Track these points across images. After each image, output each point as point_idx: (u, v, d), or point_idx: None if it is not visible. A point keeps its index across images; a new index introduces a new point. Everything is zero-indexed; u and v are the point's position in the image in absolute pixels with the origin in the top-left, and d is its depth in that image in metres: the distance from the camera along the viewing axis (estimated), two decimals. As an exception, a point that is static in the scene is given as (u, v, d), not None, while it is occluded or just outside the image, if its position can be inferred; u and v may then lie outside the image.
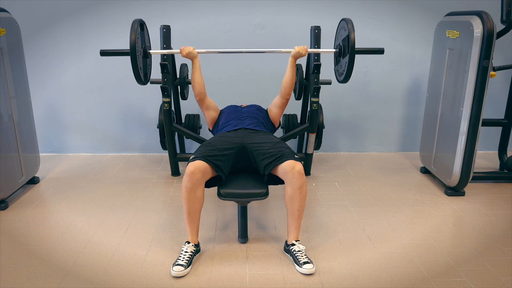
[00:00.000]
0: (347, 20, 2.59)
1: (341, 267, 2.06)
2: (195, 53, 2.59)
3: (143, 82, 2.63)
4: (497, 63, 2.95)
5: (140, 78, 2.56)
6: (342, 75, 2.70)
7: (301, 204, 2.09)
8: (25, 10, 3.42)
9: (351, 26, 2.55)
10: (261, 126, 2.55)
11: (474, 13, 2.60)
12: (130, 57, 2.45)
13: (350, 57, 2.54)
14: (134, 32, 2.44)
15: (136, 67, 2.48)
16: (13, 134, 2.76)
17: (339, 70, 2.81)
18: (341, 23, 2.74)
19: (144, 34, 2.66)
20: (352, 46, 2.51)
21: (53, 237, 2.35)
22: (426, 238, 2.35)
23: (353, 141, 3.93)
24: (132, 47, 2.43)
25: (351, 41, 2.51)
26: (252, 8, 3.52)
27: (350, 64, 2.58)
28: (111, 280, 1.95)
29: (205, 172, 2.07)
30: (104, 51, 2.69)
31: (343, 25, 2.69)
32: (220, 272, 2.02)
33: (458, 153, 2.78)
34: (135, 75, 2.52)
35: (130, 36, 2.43)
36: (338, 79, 2.83)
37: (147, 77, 2.76)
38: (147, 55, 2.70)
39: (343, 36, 2.66)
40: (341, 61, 2.74)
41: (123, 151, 3.88)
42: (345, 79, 2.67)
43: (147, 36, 2.74)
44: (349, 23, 2.56)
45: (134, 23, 2.48)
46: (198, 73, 2.59)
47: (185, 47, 2.57)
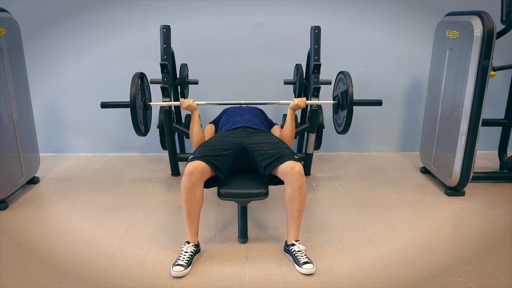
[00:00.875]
0: (345, 73, 2.66)
1: (341, 267, 2.06)
2: (194, 106, 2.52)
3: (143, 134, 2.71)
4: (497, 63, 2.95)
5: (140, 130, 2.64)
6: (341, 127, 2.76)
7: (301, 204, 2.09)
8: (25, 10, 3.43)
9: (349, 80, 2.61)
10: (261, 125, 2.55)
11: (474, 13, 2.60)
12: (130, 112, 2.52)
13: (348, 111, 2.61)
14: (134, 86, 2.48)
15: (136, 121, 2.54)
16: (13, 134, 2.76)
17: (337, 121, 2.86)
18: (339, 75, 2.79)
19: (144, 86, 2.68)
20: (350, 101, 2.56)
21: (53, 237, 2.35)
22: (426, 238, 2.35)
23: (353, 141, 3.93)
24: (132, 101, 2.48)
25: (349, 96, 2.55)
26: (252, 8, 3.52)
27: (348, 118, 2.65)
28: (111, 280, 1.95)
29: (204, 172, 2.07)
30: (105, 103, 2.72)
31: (341, 78, 2.73)
32: (220, 272, 2.02)
33: (458, 153, 2.78)
34: (135, 128, 2.60)
35: (131, 90, 2.48)
36: (337, 130, 2.89)
37: (147, 128, 2.83)
38: (147, 107, 2.74)
39: (341, 89, 2.71)
40: (340, 112, 2.78)
41: (123, 151, 3.88)
42: (344, 130, 2.73)
43: (147, 88, 2.78)
44: (347, 77, 2.61)
45: (134, 77, 2.54)
46: (197, 125, 2.50)
47: (185, 100, 2.51)
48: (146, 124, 2.79)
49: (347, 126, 2.67)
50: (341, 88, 2.73)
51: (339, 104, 2.77)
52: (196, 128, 2.48)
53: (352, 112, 2.60)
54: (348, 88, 2.57)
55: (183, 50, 3.47)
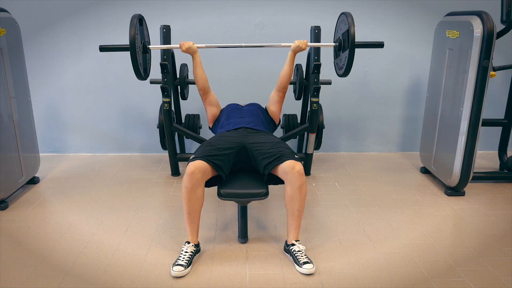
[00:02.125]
0: (347, 14, 2.58)
1: (341, 267, 2.06)
2: (194, 48, 2.59)
3: (143, 77, 2.62)
4: (497, 63, 2.94)
5: (140, 73, 2.55)
6: (342, 69, 2.69)
7: (301, 204, 2.09)
8: (25, 10, 3.42)
9: (351, 20, 2.53)
10: (262, 126, 2.55)
11: (474, 13, 2.60)
12: (130, 53, 2.43)
13: (350, 51, 2.53)
14: (133, 27, 2.43)
15: (136, 63, 2.47)
16: (13, 134, 2.76)
17: (338, 64, 2.80)
18: (340, 17, 2.73)
19: (143, 29, 2.65)
20: (352, 40, 2.50)
21: (53, 237, 2.35)
22: (426, 238, 2.35)
23: (353, 141, 3.93)
24: (131, 42, 2.42)
25: (351, 35, 2.50)
26: (252, 8, 3.52)
27: (350, 58, 2.57)
28: (111, 280, 1.95)
29: (205, 172, 2.07)
30: (104, 46, 2.67)
31: (343, 19, 2.68)
32: (220, 272, 2.02)
33: (458, 153, 2.78)
34: (135, 71, 2.51)
35: (130, 31, 2.41)
36: (337, 73, 2.82)
37: (147, 72, 2.75)
38: (146, 50, 2.69)
39: (343, 30, 2.65)
40: (341, 55, 2.73)
41: (123, 151, 3.88)
42: (345, 73, 2.66)
43: (146, 31, 2.73)
44: (349, 17, 2.55)
45: (133, 18, 2.47)
46: (199, 67, 2.61)
47: (185, 42, 2.58)
48: (146, 68, 2.73)
49: (349, 68, 2.61)
50: (342, 29, 2.68)
51: (340, 46, 2.72)
52: (199, 70, 2.59)
53: (354, 52, 2.54)
54: (350, 28, 2.51)
55: (183, 50, 3.47)
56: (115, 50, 2.69)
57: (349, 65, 2.59)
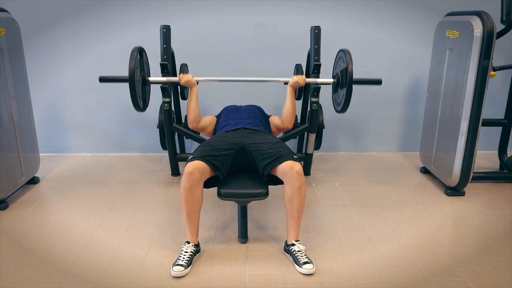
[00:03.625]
0: (345, 51, 2.63)
1: (341, 267, 2.06)
2: (193, 81, 2.56)
3: (142, 109, 2.67)
4: (497, 63, 2.94)
5: (139, 105, 2.59)
6: (340, 105, 2.74)
7: (301, 204, 2.09)
8: (25, 10, 3.42)
9: (349, 57, 2.58)
10: (261, 126, 2.55)
11: (474, 13, 2.60)
12: (129, 85, 2.47)
13: (348, 89, 2.58)
14: (133, 60, 2.45)
15: (135, 95, 2.50)
16: (13, 134, 2.76)
17: (336, 100, 2.84)
18: (339, 54, 2.77)
19: (143, 61, 2.67)
20: (349, 79, 2.54)
21: (53, 237, 2.35)
22: (426, 238, 2.35)
23: (353, 141, 3.93)
24: (130, 74, 2.44)
25: (349, 74, 2.53)
26: (252, 8, 3.52)
27: (347, 96, 2.62)
28: (111, 280, 1.95)
29: (203, 172, 2.07)
30: (103, 77, 2.70)
31: (341, 56, 2.71)
32: (220, 272, 2.02)
33: (458, 153, 2.78)
34: (133, 103, 2.55)
35: (129, 64, 2.44)
36: (336, 108, 2.87)
37: (146, 104, 2.79)
38: (146, 82, 2.71)
39: (341, 67, 2.69)
40: (339, 91, 2.77)
41: (123, 151, 3.88)
42: (343, 109, 2.71)
43: (146, 63, 2.75)
44: (347, 54, 2.59)
45: (133, 51, 2.50)
46: (194, 101, 2.55)
47: (184, 75, 2.54)
48: (145, 99, 2.75)
49: (346, 105, 2.64)
50: (340, 66, 2.70)
51: (338, 83, 2.74)
52: (193, 104, 2.52)
53: (352, 90, 2.56)
54: (348, 66, 2.54)
55: (183, 50, 3.47)
56: (115, 81, 2.71)
57: (346, 102, 2.65)
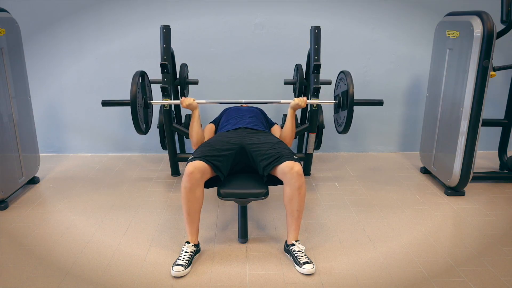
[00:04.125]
0: (346, 73, 2.64)
1: (341, 267, 2.06)
2: (195, 104, 2.51)
3: (144, 132, 2.69)
4: (497, 63, 2.94)
5: (141, 129, 2.63)
6: (341, 127, 2.74)
7: (301, 204, 2.09)
8: (25, 10, 3.43)
9: (350, 80, 2.59)
10: (261, 126, 2.55)
11: (474, 13, 2.60)
12: (131, 110, 2.50)
13: (349, 111, 2.60)
14: (135, 85, 2.47)
15: (137, 119, 2.53)
16: (13, 134, 2.76)
17: (338, 121, 2.85)
18: (340, 75, 2.78)
19: (145, 84, 2.68)
20: (350, 101, 2.55)
21: (53, 237, 2.35)
22: (426, 238, 2.35)
23: (353, 141, 3.93)
24: (132, 99, 2.47)
25: (350, 96, 2.54)
26: (252, 8, 3.52)
27: (348, 118, 2.63)
28: (111, 280, 1.95)
29: (204, 172, 2.07)
30: (106, 101, 2.72)
31: (342, 77, 2.72)
32: (220, 272, 2.02)
33: (458, 153, 2.78)
34: (136, 127, 2.58)
35: (131, 88, 2.47)
36: (337, 129, 2.87)
37: (148, 127, 2.82)
38: (148, 105, 2.73)
39: (342, 88, 2.70)
40: (340, 112, 2.77)
41: (123, 151, 3.88)
42: (344, 130, 2.71)
43: (148, 87, 2.77)
44: (348, 76, 2.60)
45: (135, 75, 2.53)
46: (197, 123, 2.49)
47: (185, 99, 2.50)
48: (147, 122, 2.79)
49: (348, 126, 2.67)
50: (342, 87, 2.73)
51: (339, 104, 2.77)
52: (196, 127, 2.47)
53: (353, 112, 2.60)
54: (349, 88, 2.57)
55: (183, 50, 3.47)
56: (117, 105, 2.72)
57: (348, 123, 2.66)
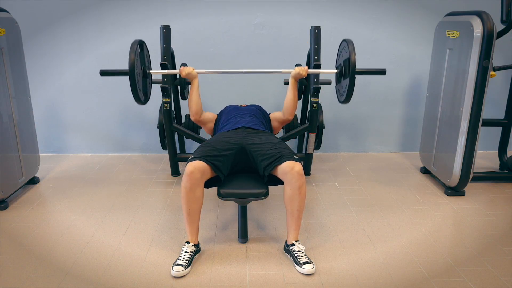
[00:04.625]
0: (348, 41, 2.61)
1: (341, 267, 2.06)
2: (194, 74, 2.58)
3: (143, 102, 2.66)
4: (497, 63, 2.94)
5: (140, 98, 2.59)
6: (343, 96, 2.72)
7: (301, 204, 2.09)
8: (25, 10, 3.42)
9: (352, 47, 2.56)
10: (261, 125, 2.55)
11: (474, 13, 2.60)
12: (129, 78, 2.46)
13: (351, 79, 2.56)
14: (133, 53, 2.44)
15: (135, 88, 2.49)
16: (13, 134, 2.76)
17: (340, 90, 2.83)
18: (342, 44, 2.76)
19: (143, 54, 2.66)
20: (352, 69, 2.53)
21: (53, 237, 2.35)
22: (426, 238, 2.35)
23: (353, 141, 3.93)
24: (130, 68, 2.44)
25: (352, 63, 2.52)
26: (252, 8, 3.52)
27: (350, 86, 2.60)
28: (111, 280, 1.95)
29: (204, 172, 2.07)
30: (104, 71, 2.71)
31: (344, 46, 2.70)
32: (220, 272, 2.02)
33: (458, 153, 2.78)
34: (134, 96, 2.54)
35: (129, 57, 2.43)
36: (339, 99, 2.85)
37: (147, 97, 2.78)
38: (146, 75, 2.71)
39: (344, 57, 2.68)
40: (342, 81, 2.76)
41: (123, 151, 3.88)
42: (346, 99, 2.69)
43: (147, 56, 2.75)
44: (350, 44, 2.57)
45: (133, 44, 2.49)
46: (196, 92, 2.57)
47: (185, 68, 2.56)
48: (146, 92, 2.74)
49: (350, 95, 2.63)
50: (344, 56, 2.69)
51: (341, 73, 2.74)
52: (195, 96, 2.54)
53: (355, 80, 2.56)
54: (351, 56, 2.54)
55: (183, 50, 3.47)
56: (116, 74, 2.72)
57: (350, 92, 2.63)
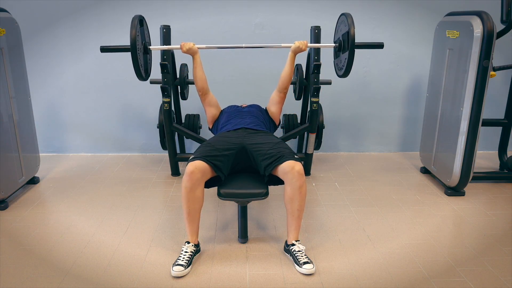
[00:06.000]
0: (347, 14, 2.59)
1: (341, 267, 2.06)
2: (195, 49, 2.62)
3: (144, 78, 2.64)
4: (497, 63, 2.95)
5: (141, 74, 2.57)
6: (342, 70, 2.69)
7: (301, 204, 2.09)
8: (25, 10, 3.43)
9: (351, 20, 2.54)
10: (262, 126, 2.55)
11: (474, 13, 2.60)
12: (131, 53, 2.44)
13: (350, 52, 2.53)
14: (134, 28, 2.44)
15: (137, 63, 2.49)
16: (13, 134, 2.76)
17: (338, 65, 2.80)
18: (340, 18, 2.74)
19: (144, 30, 2.66)
20: (352, 42, 2.50)
21: (53, 237, 2.35)
22: (426, 238, 2.35)
23: (353, 141, 3.93)
24: (132, 43, 2.43)
25: (351, 36, 2.50)
26: (252, 8, 3.52)
27: (349, 60, 2.57)
28: (111, 280, 1.95)
29: (204, 172, 2.07)
30: (105, 47, 2.68)
31: (343, 20, 2.68)
32: (220, 272, 2.02)
33: (458, 153, 2.78)
34: (136, 71, 2.53)
35: (131, 32, 2.42)
36: (337, 73, 2.82)
37: (148, 73, 2.76)
38: (147, 51, 2.70)
39: (343, 31, 2.66)
40: (341, 56, 2.73)
41: (123, 151, 3.88)
42: (345, 73, 2.66)
43: (147, 32, 2.74)
44: (349, 17, 2.55)
45: (134, 19, 2.48)
46: (199, 68, 2.62)
47: (186, 43, 2.59)
48: (147, 69, 2.74)
49: (348, 69, 2.62)
50: (342, 30, 2.68)
51: (340, 47, 2.72)
52: (199, 71, 2.60)
53: (354, 54, 2.54)
54: (350, 29, 2.52)
55: (183, 50, 3.47)
56: (116, 51, 2.70)
57: (349, 66, 2.60)
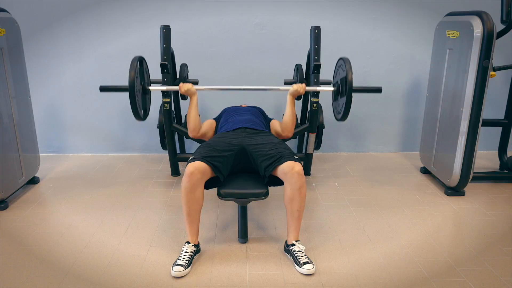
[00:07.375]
0: (345, 59, 2.63)
1: (341, 267, 2.06)
2: (193, 90, 2.58)
3: (142, 118, 2.66)
4: (497, 63, 2.94)
5: (139, 115, 2.59)
6: (340, 114, 2.74)
7: (301, 204, 2.09)
8: (25, 10, 3.42)
9: (349, 66, 2.58)
10: (261, 125, 2.55)
11: (474, 13, 2.60)
12: (129, 95, 2.47)
13: (347, 98, 2.58)
14: (133, 70, 2.44)
15: (135, 105, 2.50)
16: (13, 134, 2.76)
17: (337, 108, 2.84)
18: (339, 62, 2.77)
19: (143, 70, 2.66)
20: (349, 87, 2.54)
21: (53, 237, 2.35)
22: (426, 238, 2.35)
23: (353, 141, 3.93)
24: (131, 84, 2.45)
25: (349, 83, 2.53)
26: (252, 8, 3.52)
27: (347, 105, 2.62)
28: (111, 280, 1.95)
29: (204, 173, 2.07)
30: (104, 87, 2.70)
31: (340, 64, 2.71)
32: (220, 272, 2.02)
33: (458, 153, 2.78)
34: (134, 112, 2.55)
35: (129, 74, 2.44)
36: (336, 117, 2.87)
37: (147, 113, 2.79)
38: (146, 91, 2.71)
39: (341, 75, 2.69)
40: (339, 99, 2.77)
41: (123, 151, 3.88)
42: (343, 117, 2.71)
43: (146, 72, 2.75)
44: (347, 63, 2.59)
45: (133, 60, 2.49)
46: (194, 109, 2.56)
47: (184, 84, 2.55)
48: (145, 108, 2.75)
49: (346, 113, 2.65)
50: (340, 74, 2.70)
51: (338, 91, 2.75)
52: (193, 113, 2.53)
53: (351, 98, 2.57)
54: (348, 75, 2.55)
55: (183, 50, 3.47)
56: (116, 90, 2.69)
57: (346, 110, 2.65)
